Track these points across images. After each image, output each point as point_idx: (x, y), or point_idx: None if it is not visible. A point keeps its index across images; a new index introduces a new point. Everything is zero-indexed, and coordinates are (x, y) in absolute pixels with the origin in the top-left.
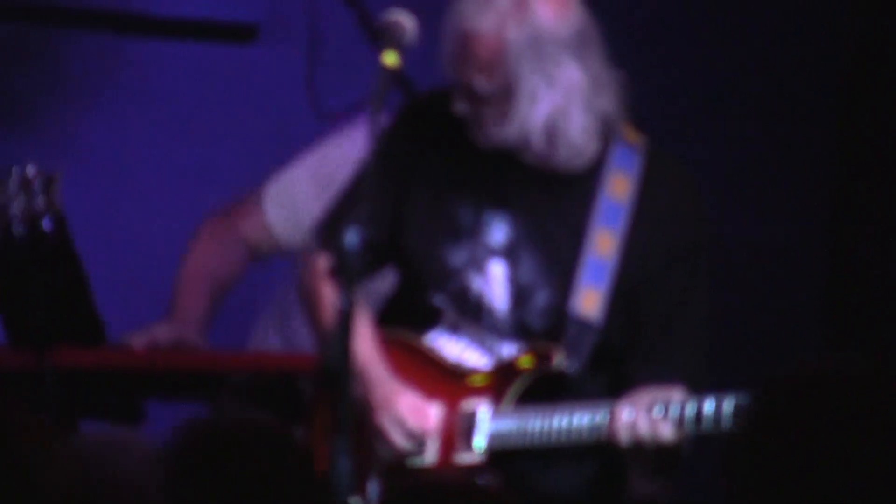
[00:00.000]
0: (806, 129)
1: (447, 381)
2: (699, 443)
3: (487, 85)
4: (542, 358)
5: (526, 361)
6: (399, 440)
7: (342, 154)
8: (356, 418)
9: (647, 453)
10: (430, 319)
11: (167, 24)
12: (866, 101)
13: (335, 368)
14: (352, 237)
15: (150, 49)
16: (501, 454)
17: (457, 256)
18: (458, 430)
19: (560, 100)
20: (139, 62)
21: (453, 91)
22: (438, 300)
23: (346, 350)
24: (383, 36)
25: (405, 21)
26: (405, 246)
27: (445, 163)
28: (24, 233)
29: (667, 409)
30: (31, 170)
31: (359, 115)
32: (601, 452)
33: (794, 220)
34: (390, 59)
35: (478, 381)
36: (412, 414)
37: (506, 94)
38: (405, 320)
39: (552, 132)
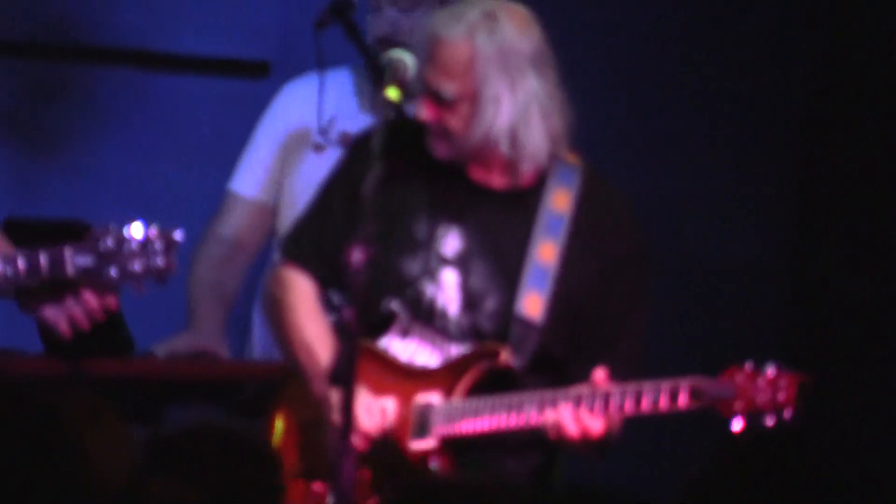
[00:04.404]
0: (769, 151)
1: (399, 379)
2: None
3: (455, 89)
4: (490, 355)
5: (473, 359)
6: (356, 439)
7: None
8: (319, 417)
9: (577, 444)
10: (385, 323)
11: (187, 61)
12: (829, 118)
13: (343, 376)
14: (357, 256)
15: (171, 84)
16: (453, 443)
17: (412, 266)
18: (411, 421)
19: (522, 106)
20: (162, 95)
21: (420, 100)
22: (394, 306)
23: (353, 360)
24: (385, 71)
25: (406, 59)
26: None
27: (402, 181)
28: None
29: (593, 398)
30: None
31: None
32: (542, 444)
33: (757, 237)
34: (393, 93)
35: (428, 377)
36: (367, 414)
37: (472, 99)
38: (362, 324)
39: (515, 137)
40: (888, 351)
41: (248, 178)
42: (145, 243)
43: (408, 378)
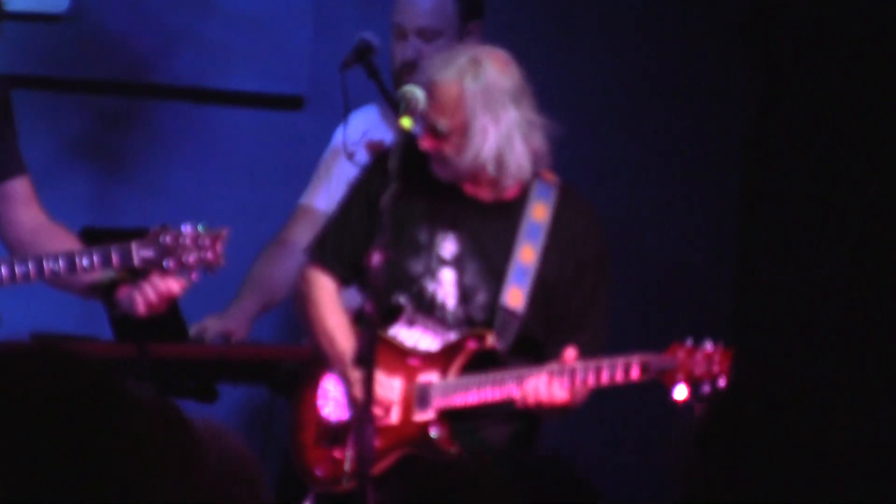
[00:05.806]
0: (716, 169)
1: (405, 361)
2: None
3: (448, 124)
4: (479, 340)
5: (466, 343)
6: (374, 410)
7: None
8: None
9: (547, 410)
10: (394, 314)
11: (234, 95)
12: (765, 143)
13: (365, 358)
14: (376, 259)
15: (221, 115)
16: (449, 414)
17: (416, 266)
18: (414, 397)
19: (504, 134)
20: (213, 125)
21: (420, 133)
22: (402, 299)
23: (373, 345)
24: (400, 104)
25: (417, 93)
26: None
27: (409, 195)
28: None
29: (562, 374)
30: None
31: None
32: (521, 414)
33: (706, 240)
34: (405, 122)
35: (429, 359)
36: (381, 388)
37: (462, 130)
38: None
39: (500, 160)
40: (813, 334)
41: (308, 190)
42: (197, 239)
43: (412, 360)
